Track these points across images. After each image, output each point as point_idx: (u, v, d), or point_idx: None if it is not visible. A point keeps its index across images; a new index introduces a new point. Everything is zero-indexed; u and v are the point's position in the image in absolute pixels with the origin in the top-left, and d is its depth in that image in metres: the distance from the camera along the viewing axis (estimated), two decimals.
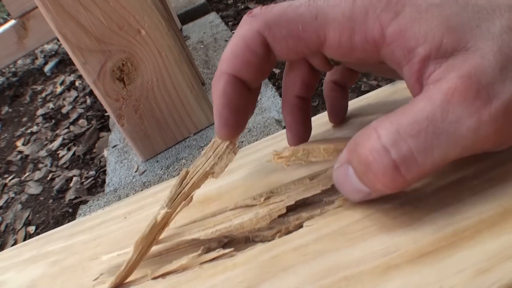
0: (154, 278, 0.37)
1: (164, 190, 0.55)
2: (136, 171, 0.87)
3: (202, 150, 0.79)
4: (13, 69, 2.79)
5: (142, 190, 0.75)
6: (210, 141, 0.38)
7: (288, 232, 0.35)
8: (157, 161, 0.85)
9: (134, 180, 0.84)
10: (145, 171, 0.85)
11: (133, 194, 0.75)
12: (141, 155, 0.87)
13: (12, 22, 2.29)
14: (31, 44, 2.34)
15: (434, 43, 0.28)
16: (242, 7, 1.80)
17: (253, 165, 0.45)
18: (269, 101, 0.87)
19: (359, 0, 0.29)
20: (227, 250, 0.36)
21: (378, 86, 1.05)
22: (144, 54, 0.76)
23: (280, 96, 0.91)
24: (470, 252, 0.26)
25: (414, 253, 0.27)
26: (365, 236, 0.30)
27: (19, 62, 2.87)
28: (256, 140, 0.73)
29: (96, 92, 0.78)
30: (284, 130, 0.50)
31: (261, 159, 0.37)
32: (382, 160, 0.26)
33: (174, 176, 0.74)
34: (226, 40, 1.24)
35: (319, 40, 0.31)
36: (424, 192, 0.32)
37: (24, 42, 2.33)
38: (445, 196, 0.31)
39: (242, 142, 0.75)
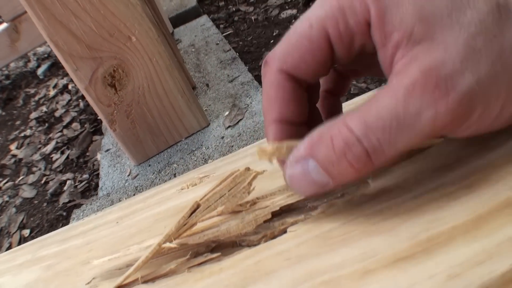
0: (145, 282, 0.38)
1: (154, 196, 0.56)
2: (128, 175, 0.88)
3: (193, 154, 0.80)
4: (6, 72, 2.79)
5: (134, 194, 0.76)
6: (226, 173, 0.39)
7: (274, 236, 0.36)
8: (149, 165, 0.86)
9: (126, 184, 0.85)
10: (137, 175, 0.86)
11: (125, 198, 0.76)
12: (133, 159, 0.88)
13: (4, 25, 2.29)
14: (24, 47, 2.33)
15: (407, 31, 0.29)
16: (233, 9, 1.81)
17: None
18: (259, 106, 0.88)
19: None
20: (214, 255, 0.37)
21: (368, 89, 1.06)
22: (135, 60, 0.77)
23: None
24: (443, 257, 0.27)
25: (390, 258, 0.28)
26: (345, 241, 0.32)
27: (12, 65, 2.86)
28: (246, 144, 0.74)
29: (88, 98, 0.79)
30: None
31: (248, 165, 0.38)
32: (356, 149, 0.29)
33: (165, 181, 0.75)
34: (217, 44, 1.26)
35: (324, 38, 0.33)
36: (405, 197, 0.33)
37: (16, 45, 2.33)
38: (424, 203, 0.32)
39: (232, 146, 0.76)
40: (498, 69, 0.28)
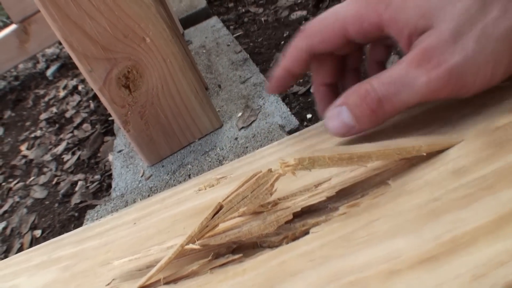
0: (167, 283, 0.38)
1: (171, 196, 0.56)
2: (142, 176, 0.88)
3: (207, 155, 0.81)
4: (15, 73, 2.79)
5: (149, 195, 0.77)
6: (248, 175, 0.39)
7: (295, 238, 0.37)
8: (163, 166, 0.87)
9: (140, 185, 0.85)
10: (151, 176, 0.86)
11: (140, 199, 0.76)
12: (146, 160, 0.88)
13: (13, 26, 2.30)
14: (33, 49, 2.34)
15: (413, 27, 0.39)
16: (243, 10, 1.81)
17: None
18: (272, 106, 0.88)
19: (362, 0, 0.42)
20: (236, 256, 0.37)
21: None
22: (149, 61, 0.78)
23: (283, 101, 0.92)
24: (467, 258, 0.27)
25: (415, 259, 0.29)
26: (369, 242, 0.32)
27: (21, 66, 2.86)
28: (261, 146, 0.74)
29: (102, 99, 0.79)
30: (288, 136, 0.52)
31: (266, 166, 0.38)
32: (373, 95, 0.39)
33: (180, 182, 0.75)
34: (228, 45, 1.26)
35: (344, 32, 0.44)
36: (426, 199, 0.33)
37: (25, 46, 2.33)
38: (445, 204, 0.32)
39: (246, 147, 0.76)
40: (483, 43, 0.36)
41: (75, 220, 1.21)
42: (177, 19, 1.51)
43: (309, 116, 1.07)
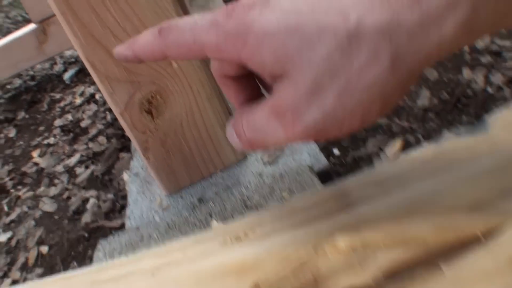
0: None
1: (193, 245, 0.52)
2: (159, 205, 0.83)
3: (230, 192, 0.75)
4: (31, 73, 2.76)
5: (166, 231, 0.71)
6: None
7: None
8: (182, 197, 0.82)
9: (157, 217, 0.80)
10: (168, 206, 0.81)
11: (156, 235, 0.71)
12: (165, 189, 0.83)
13: (32, 26, 2.27)
14: (51, 50, 2.31)
15: (270, 70, 0.35)
16: None
17: (291, 232, 0.45)
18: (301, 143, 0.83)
19: (221, 31, 0.35)
20: None
21: (411, 128, 1.01)
22: (174, 88, 0.73)
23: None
24: None
25: None
26: None
27: (37, 66, 2.84)
28: (289, 189, 0.69)
29: (122, 123, 0.74)
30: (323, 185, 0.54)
31: (299, 226, 0.35)
32: (244, 138, 0.39)
33: (200, 220, 0.70)
34: None
35: (203, 55, 0.38)
36: None
37: (43, 47, 2.30)
38: None
39: (273, 189, 0.71)
40: (346, 98, 0.32)
41: (84, 240, 1.16)
42: None
43: (336, 152, 1.02)
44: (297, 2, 0.34)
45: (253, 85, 0.43)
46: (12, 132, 2.05)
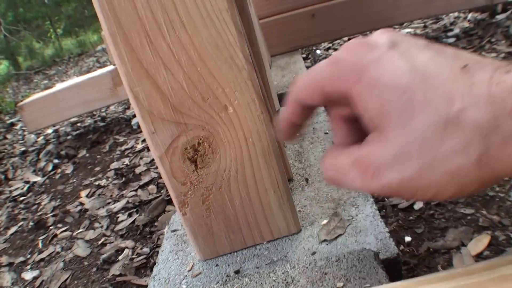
0: None
1: None
2: (189, 271, 0.71)
3: (272, 268, 0.62)
4: (103, 114, 2.76)
5: None
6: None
7: None
8: (217, 265, 0.69)
9: (183, 283, 0.68)
10: (200, 273, 0.69)
11: None
12: (199, 252, 0.71)
13: (110, 67, 2.25)
14: (124, 93, 2.29)
15: (369, 118, 0.37)
16: None
17: None
18: (367, 221, 0.69)
19: (339, 63, 0.39)
20: None
21: (501, 223, 0.86)
22: (226, 136, 0.62)
23: (379, 212, 0.73)
24: None
25: None
26: None
27: (111, 108, 2.84)
28: (346, 278, 0.56)
29: (160, 169, 0.63)
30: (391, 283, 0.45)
31: None
32: (325, 175, 0.44)
33: None
34: (326, 133, 1.08)
35: (322, 91, 0.41)
36: None
37: (117, 89, 2.28)
38: None
39: (325, 275, 0.57)
40: (425, 174, 0.34)
41: None
42: (275, 94, 1.36)
43: (407, 239, 0.88)
44: (419, 62, 0.35)
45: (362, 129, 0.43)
46: (69, 169, 2.02)
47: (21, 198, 1.94)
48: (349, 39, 2.38)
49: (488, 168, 0.33)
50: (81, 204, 1.60)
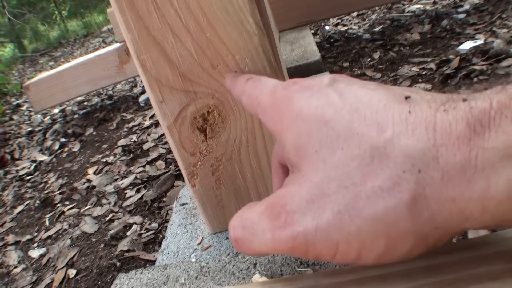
0: None
1: None
2: (199, 244, 0.70)
3: None
4: (110, 93, 2.75)
5: (197, 277, 0.58)
6: None
7: None
8: (227, 238, 0.68)
9: (193, 256, 0.67)
10: (209, 247, 0.68)
11: (185, 279, 0.58)
12: (209, 225, 0.69)
13: (116, 45, 2.23)
14: (131, 71, 2.27)
15: (287, 155, 0.33)
16: (358, 72, 1.64)
17: None
18: None
19: (274, 96, 0.37)
20: None
21: None
22: (237, 105, 0.60)
23: None
24: None
25: None
26: None
27: (118, 86, 2.83)
28: None
29: (169, 139, 0.62)
30: None
31: None
32: (231, 234, 0.36)
33: (241, 270, 0.57)
34: None
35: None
36: None
37: (124, 67, 2.26)
38: None
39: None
40: (345, 220, 0.28)
41: (115, 270, 1.04)
42: (285, 69, 1.34)
43: None
44: (353, 95, 0.31)
45: None
46: (76, 147, 2.01)
47: (28, 177, 1.94)
48: (358, 15, 2.37)
49: (428, 217, 0.27)
50: (89, 181, 1.59)
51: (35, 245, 1.33)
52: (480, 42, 1.52)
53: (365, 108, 0.29)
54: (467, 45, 1.52)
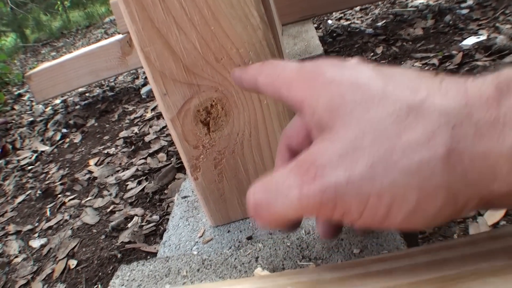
0: None
1: None
2: (200, 237, 0.70)
3: (287, 235, 0.61)
4: (112, 84, 2.75)
5: (198, 269, 0.58)
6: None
7: None
8: (229, 231, 0.68)
9: (194, 249, 0.67)
10: (211, 240, 0.68)
11: (186, 271, 0.58)
12: (211, 218, 0.70)
13: (119, 36, 2.23)
14: (133, 63, 2.27)
15: (317, 120, 0.33)
16: None
17: None
18: None
19: (300, 70, 0.37)
20: None
21: None
22: (240, 98, 0.60)
23: None
24: None
25: None
26: None
27: (120, 78, 2.83)
28: (362, 242, 0.55)
29: (172, 132, 0.62)
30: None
31: None
32: (251, 201, 0.35)
33: (243, 263, 0.57)
34: None
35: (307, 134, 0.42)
36: None
37: (126, 59, 2.26)
38: None
39: (341, 240, 0.56)
40: (379, 172, 0.28)
41: (116, 261, 1.04)
42: None
43: None
44: (382, 70, 0.33)
45: None
46: (77, 138, 2.01)
47: (29, 167, 1.94)
48: (361, 10, 2.36)
49: (460, 172, 0.27)
50: (90, 172, 1.59)
51: (36, 235, 1.33)
52: (483, 37, 1.51)
53: (399, 76, 0.31)
54: (470, 41, 1.52)
